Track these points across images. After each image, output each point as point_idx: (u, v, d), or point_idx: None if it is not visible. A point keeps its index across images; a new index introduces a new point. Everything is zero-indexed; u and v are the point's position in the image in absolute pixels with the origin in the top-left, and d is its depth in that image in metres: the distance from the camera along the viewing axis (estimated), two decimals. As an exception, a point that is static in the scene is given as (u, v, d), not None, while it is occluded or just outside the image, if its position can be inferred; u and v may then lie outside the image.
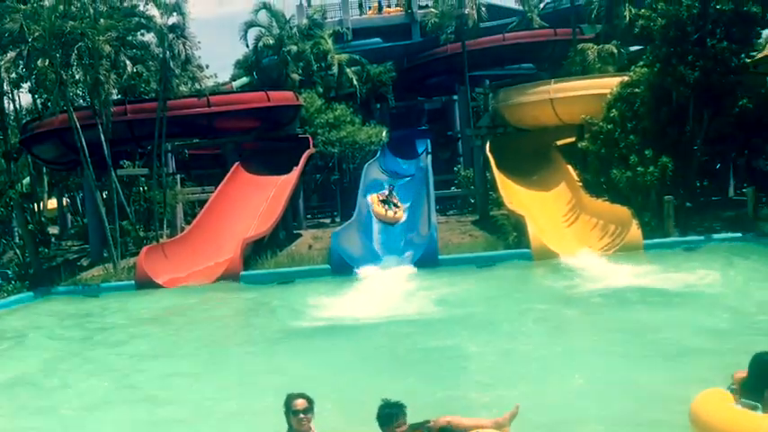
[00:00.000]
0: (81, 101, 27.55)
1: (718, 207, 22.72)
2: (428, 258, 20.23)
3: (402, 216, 25.83)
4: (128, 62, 23.86)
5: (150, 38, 24.98)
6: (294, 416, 5.83)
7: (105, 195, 25.87)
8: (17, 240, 27.83)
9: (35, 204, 31.84)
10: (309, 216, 31.45)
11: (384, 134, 31.70)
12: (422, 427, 6.16)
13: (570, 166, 24.15)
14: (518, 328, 12.53)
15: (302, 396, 5.91)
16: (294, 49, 31.90)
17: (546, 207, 23.48)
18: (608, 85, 23.34)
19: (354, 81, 33.00)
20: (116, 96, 25.87)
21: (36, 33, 21.37)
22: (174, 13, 23.93)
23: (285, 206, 24.28)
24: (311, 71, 32.64)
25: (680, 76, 20.40)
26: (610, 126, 22.29)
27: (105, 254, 23.69)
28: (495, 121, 28.28)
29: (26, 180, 32.19)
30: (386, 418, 5.78)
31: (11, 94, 29.21)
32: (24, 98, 42.69)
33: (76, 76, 24.75)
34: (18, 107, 32.14)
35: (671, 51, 20.75)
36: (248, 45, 33.95)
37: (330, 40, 33.29)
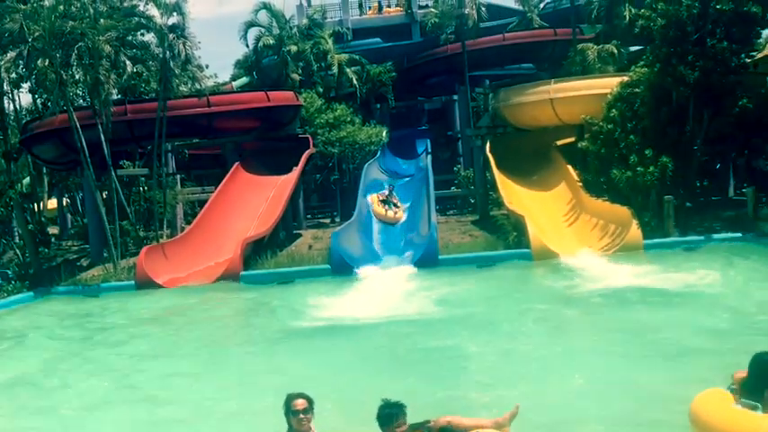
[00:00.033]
0: (81, 101, 27.53)
1: (718, 207, 22.73)
2: (428, 258, 20.23)
3: (402, 216, 25.80)
4: (128, 62, 23.78)
5: (150, 38, 25.04)
6: (294, 416, 5.84)
7: (105, 195, 25.83)
8: (17, 240, 27.80)
9: (35, 204, 31.82)
10: (309, 216, 31.41)
11: (384, 134, 31.68)
12: (422, 427, 6.16)
13: (570, 166, 24.14)
14: (518, 328, 12.54)
15: (302, 396, 5.92)
16: (294, 49, 31.93)
17: (546, 207, 23.47)
18: (608, 85, 23.32)
19: (354, 81, 32.98)
20: (116, 96, 25.83)
21: (36, 33, 21.38)
22: (174, 13, 23.89)
23: (285, 206, 24.27)
24: (311, 71, 32.66)
25: (680, 76, 20.41)
26: (610, 126, 22.29)
27: (105, 254, 23.65)
28: (495, 121, 28.32)
29: (26, 180, 32.15)
30: (386, 418, 5.78)
31: (11, 94, 29.16)
32: (24, 98, 42.80)
33: (76, 76, 24.71)
34: (18, 107, 32.13)
35: (671, 51, 20.76)
36: (248, 45, 34.05)
37: (330, 40, 33.25)
